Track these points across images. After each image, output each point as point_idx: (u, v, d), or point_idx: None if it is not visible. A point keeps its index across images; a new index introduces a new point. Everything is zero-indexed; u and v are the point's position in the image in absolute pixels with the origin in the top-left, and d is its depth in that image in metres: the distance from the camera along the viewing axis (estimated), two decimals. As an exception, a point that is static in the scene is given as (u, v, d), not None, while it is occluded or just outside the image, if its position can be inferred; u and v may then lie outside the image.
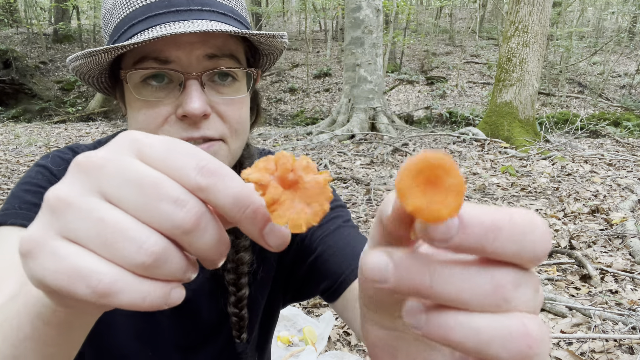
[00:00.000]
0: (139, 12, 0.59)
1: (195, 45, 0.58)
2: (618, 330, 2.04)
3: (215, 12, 0.60)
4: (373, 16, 8.27)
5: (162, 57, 0.57)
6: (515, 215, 0.22)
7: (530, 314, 0.23)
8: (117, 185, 0.26)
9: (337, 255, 0.70)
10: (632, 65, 13.42)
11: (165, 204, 0.25)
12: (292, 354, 1.94)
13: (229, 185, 0.27)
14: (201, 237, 0.27)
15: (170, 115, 0.59)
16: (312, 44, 16.50)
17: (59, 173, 0.68)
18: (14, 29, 16.24)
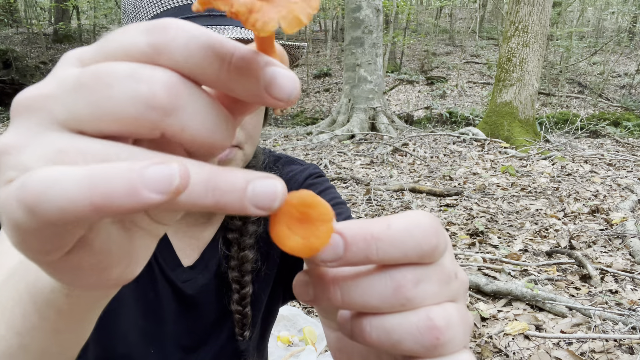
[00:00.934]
0: (170, 13, 0.58)
1: None
2: (618, 330, 2.04)
3: None
4: (373, 16, 8.27)
5: None
6: (394, 222, 0.24)
7: (437, 306, 0.24)
8: (64, 104, 0.20)
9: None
10: (632, 65, 13.42)
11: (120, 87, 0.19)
12: (292, 354, 1.94)
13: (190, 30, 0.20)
14: (192, 114, 0.20)
15: None
16: (312, 44, 16.49)
17: None
18: (14, 29, 16.24)
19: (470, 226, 3.44)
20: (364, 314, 0.25)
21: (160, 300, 0.73)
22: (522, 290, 2.32)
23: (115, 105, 0.19)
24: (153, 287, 0.73)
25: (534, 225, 3.55)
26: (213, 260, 0.76)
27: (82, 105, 0.19)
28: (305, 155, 6.56)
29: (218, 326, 0.78)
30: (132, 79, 0.19)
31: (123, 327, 0.71)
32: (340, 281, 0.25)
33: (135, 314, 0.72)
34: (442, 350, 0.24)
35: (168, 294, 0.74)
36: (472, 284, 2.44)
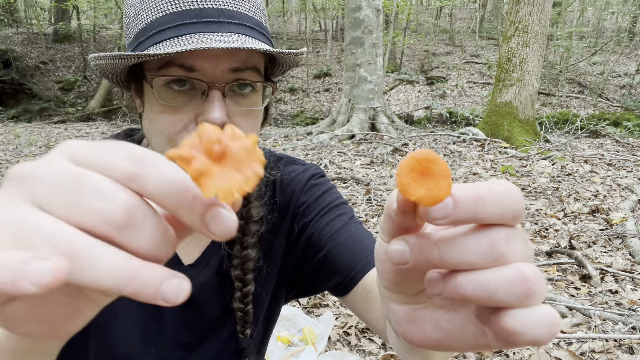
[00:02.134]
0: (169, 18, 0.59)
1: (222, 59, 0.59)
2: (618, 330, 2.04)
3: (243, 25, 0.61)
4: (373, 16, 8.27)
5: (188, 65, 0.59)
6: (493, 185, 0.28)
7: (525, 262, 0.28)
8: (46, 190, 0.24)
9: (347, 252, 0.72)
10: (632, 65, 13.42)
11: (90, 198, 0.24)
12: (292, 354, 1.94)
13: (162, 170, 0.25)
14: (140, 232, 0.25)
15: (190, 122, 0.61)
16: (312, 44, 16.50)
17: None
18: (14, 29, 16.24)
19: (470, 226, 3.44)
20: (458, 272, 0.28)
21: None
22: (522, 290, 2.32)
23: (80, 208, 0.24)
24: None
25: (534, 225, 3.55)
26: (215, 259, 0.76)
27: (56, 199, 0.24)
28: (305, 155, 6.56)
29: (219, 324, 0.78)
30: (103, 197, 0.24)
31: (123, 327, 0.71)
32: (439, 240, 0.28)
33: (134, 313, 0.72)
34: (533, 300, 0.27)
35: None
36: (472, 284, 2.44)
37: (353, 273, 0.71)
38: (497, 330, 0.27)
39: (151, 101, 0.62)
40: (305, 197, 0.79)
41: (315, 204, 0.78)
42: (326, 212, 0.77)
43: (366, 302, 0.70)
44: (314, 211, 0.78)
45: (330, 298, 2.48)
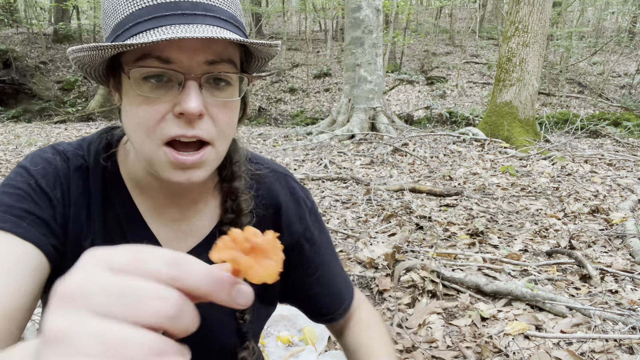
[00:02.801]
0: (145, 11, 0.60)
1: (197, 51, 0.60)
2: (618, 330, 2.04)
3: (217, 17, 0.62)
4: (373, 16, 8.27)
5: (164, 57, 0.60)
6: None
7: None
8: (104, 301, 0.29)
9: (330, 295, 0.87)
10: (632, 65, 13.42)
11: (152, 302, 0.29)
12: (292, 354, 1.94)
13: (197, 270, 0.32)
14: (183, 319, 0.31)
15: (167, 113, 0.62)
16: (312, 44, 16.50)
17: (36, 172, 0.69)
18: (14, 29, 16.25)
19: (470, 226, 3.44)
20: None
21: None
22: (522, 290, 2.32)
23: (143, 311, 0.29)
24: None
25: (534, 225, 3.55)
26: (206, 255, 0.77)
27: (118, 309, 0.29)
28: (305, 155, 6.56)
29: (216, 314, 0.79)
30: (160, 301, 0.29)
31: None
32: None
33: None
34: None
35: None
36: (472, 284, 2.44)
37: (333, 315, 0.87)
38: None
39: (129, 94, 0.63)
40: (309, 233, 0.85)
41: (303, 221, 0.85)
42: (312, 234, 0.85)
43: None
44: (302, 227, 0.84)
45: (330, 298, 2.48)
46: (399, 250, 2.82)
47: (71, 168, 0.72)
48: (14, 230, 0.62)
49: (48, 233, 0.66)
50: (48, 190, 0.69)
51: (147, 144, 0.63)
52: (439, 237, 3.25)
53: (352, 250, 2.94)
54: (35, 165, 0.70)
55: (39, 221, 0.66)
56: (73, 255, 0.70)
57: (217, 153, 0.67)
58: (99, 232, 0.72)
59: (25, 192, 0.67)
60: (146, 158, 0.65)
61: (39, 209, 0.67)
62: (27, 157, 0.72)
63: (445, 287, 2.49)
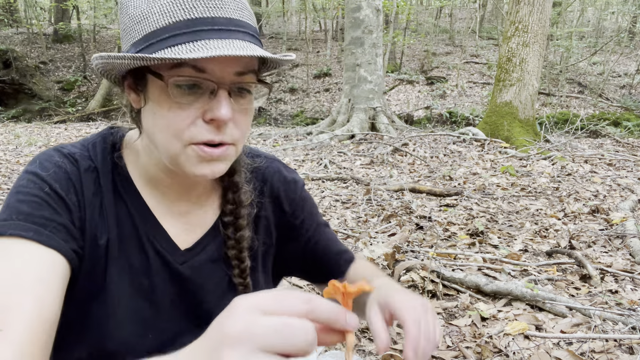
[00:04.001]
0: (182, 24, 0.63)
1: (229, 63, 0.65)
2: (618, 330, 2.04)
3: (246, 33, 0.67)
4: (373, 16, 8.26)
5: (200, 67, 0.64)
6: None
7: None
8: (269, 339, 0.37)
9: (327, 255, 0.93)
10: (632, 65, 13.42)
11: (299, 335, 0.38)
12: (292, 354, 1.94)
13: (324, 307, 0.42)
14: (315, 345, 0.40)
15: (197, 118, 0.66)
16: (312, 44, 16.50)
17: (49, 177, 0.69)
18: (14, 29, 16.24)
19: (470, 226, 3.44)
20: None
21: (155, 284, 0.75)
22: (522, 290, 2.32)
23: (297, 344, 0.38)
24: (148, 273, 0.75)
25: (534, 225, 3.55)
26: (211, 245, 0.81)
27: (278, 342, 0.38)
28: (305, 155, 6.56)
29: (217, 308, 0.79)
30: (304, 331, 0.39)
31: (119, 316, 0.72)
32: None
33: (130, 300, 0.73)
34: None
35: (165, 277, 0.76)
36: (472, 284, 2.44)
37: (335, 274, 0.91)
38: None
39: (159, 97, 0.66)
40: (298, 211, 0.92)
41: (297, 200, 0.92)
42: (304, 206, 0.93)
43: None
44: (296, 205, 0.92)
45: (330, 298, 2.48)
46: (399, 250, 2.82)
47: (81, 170, 0.73)
48: (37, 239, 0.62)
49: (69, 238, 0.67)
50: (63, 194, 0.69)
51: (174, 144, 0.66)
52: (439, 237, 3.25)
53: (352, 250, 2.94)
54: (46, 170, 0.70)
55: (59, 227, 0.66)
56: (90, 256, 0.71)
57: (237, 151, 0.73)
58: (112, 230, 0.74)
59: (41, 199, 0.67)
60: (171, 155, 0.68)
61: (58, 215, 0.67)
62: (35, 162, 0.72)
63: (445, 287, 2.49)
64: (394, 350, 2.00)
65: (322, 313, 0.41)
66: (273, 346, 0.37)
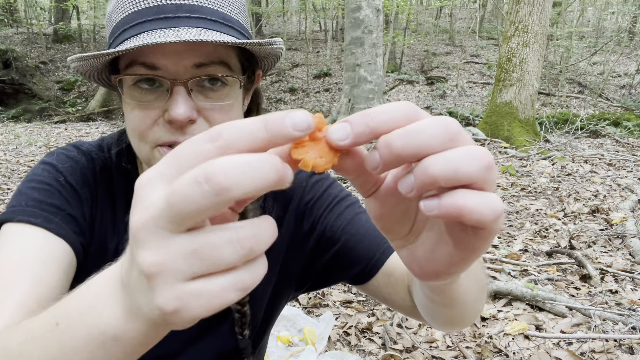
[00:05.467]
0: (129, 18, 0.60)
1: (182, 55, 0.59)
2: (618, 330, 2.04)
3: (204, 18, 0.61)
4: (373, 16, 8.27)
5: (149, 63, 0.59)
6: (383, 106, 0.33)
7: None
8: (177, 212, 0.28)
9: (364, 241, 0.75)
10: (632, 65, 13.42)
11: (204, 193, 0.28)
12: (292, 354, 1.94)
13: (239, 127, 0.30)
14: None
15: (159, 118, 0.61)
16: (312, 44, 16.50)
17: (64, 170, 0.70)
18: (14, 29, 16.24)
19: (470, 226, 3.44)
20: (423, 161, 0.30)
21: None
22: (522, 290, 2.32)
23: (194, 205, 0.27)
24: None
25: (534, 225, 3.55)
26: None
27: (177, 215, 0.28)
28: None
29: (214, 324, 0.78)
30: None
31: None
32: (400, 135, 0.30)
33: None
34: (493, 171, 0.30)
35: None
36: (472, 284, 2.44)
37: (373, 261, 0.74)
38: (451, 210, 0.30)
39: (125, 100, 0.63)
40: (310, 195, 0.80)
41: (322, 199, 0.79)
42: (334, 205, 0.79)
43: (390, 286, 0.73)
44: (322, 207, 0.79)
45: (330, 298, 2.47)
46: (399, 250, 2.82)
47: (97, 169, 0.73)
48: (45, 226, 0.62)
49: (78, 230, 0.66)
50: (77, 187, 0.69)
51: (142, 147, 0.63)
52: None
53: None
54: (63, 162, 0.70)
55: (69, 218, 0.66)
56: (96, 257, 0.70)
57: None
58: (122, 234, 0.72)
59: (54, 188, 0.67)
60: (144, 160, 0.65)
61: (69, 206, 0.67)
62: (52, 155, 0.72)
63: (445, 287, 2.49)
64: (393, 350, 2.00)
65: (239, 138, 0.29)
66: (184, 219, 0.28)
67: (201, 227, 0.29)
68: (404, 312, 0.75)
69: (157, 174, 0.30)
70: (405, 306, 0.72)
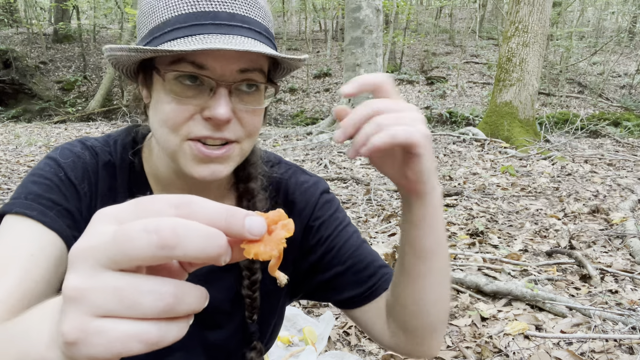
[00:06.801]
0: (183, 17, 0.63)
1: (231, 60, 0.63)
2: (618, 330, 2.04)
3: (252, 30, 0.65)
4: (373, 16, 8.26)
5: (199, 63, 0.62)
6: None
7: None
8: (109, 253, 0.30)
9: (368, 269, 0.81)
10: (632, 65, 13.42)
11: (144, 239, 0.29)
12: (292, 354, 1.94)
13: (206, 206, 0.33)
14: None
15: (196, 114, 0.64)
16: (312, 44, 16.50)
17: (66, 165, 0.71)
18: (14, 29, 16.24)
19: (470, 226, 3.44)
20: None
21: None
22: (522, 290, 2.32)
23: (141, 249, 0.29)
24: None
25: (534, 225, 3.55)
26: None
27: (117, 253, 0.29)
28: (305, 155, 6.56)
29: (224, 314, 0.80)
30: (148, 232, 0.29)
31: None
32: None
33: None
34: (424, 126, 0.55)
35: None
36: (472, 284, 2.44)
37: (373, 288, 0.80)
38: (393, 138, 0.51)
39: (159, 92, 0.65)
40: (320, 212, 0.84)
41: (330, 220, 0.83)
42: (342, 229, 0.83)
43: (375, 316, 0.80)
44: (330, 228, 0.83)
45: (330, 298, 2.47)
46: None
47: (100, 164, 0.74)
48: (40, 219, 0.64)
49: (72, 225, 0.68)
50: (76, 183, 0.70)
51: (171, 138, 0.65)
52: (439, 237, 3.24)
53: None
54: (65, 158, 0.72)
55: (65, 212, 0.67)
56: None
57: (242, 150, 0.69)
58: None
59: (53, 183, 0.69)
60: (170, 152, 0.67)
61: (66, 201, 0.68)
62: (57, 150, 0.74)
63: (445, 287, 2.49)
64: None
65: (201, 214, 0.31)
66: (115, 258, 0.29)
67: (132, 271, 0.31)
68: (381, 342, 0.81)
69: (116, 211, 0.32)
70: (383, 336, 0.79)
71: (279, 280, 0.44)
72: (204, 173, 0.65)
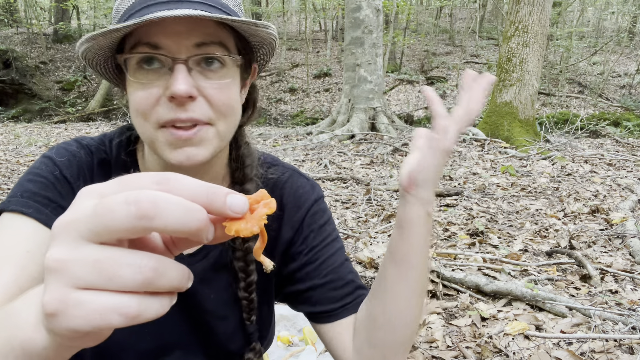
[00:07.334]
0: (137, 3, 0.65)
1: (184, 35, 0.62)
2: (618, 330, 2.04)
3: (204, 3, 0.65)
4: (373, 16, 8.26)
5: (152, 42, 0.62)
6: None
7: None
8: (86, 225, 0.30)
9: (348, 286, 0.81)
10: (632, 65, 13.42)
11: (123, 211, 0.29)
12: (292, 354, 1.94)
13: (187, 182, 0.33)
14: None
15: (161, 97, 0.64)
16: (312, 44, 16.49)
17: (61, 163, 0.72)
18: (14, 29, 16.24)
19: (470, 226, 3.44)
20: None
21: None
22: (522, 290, 2.32)
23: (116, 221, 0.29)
24: None
25: (534, 225, 3.55)
26: (214, 251, 0.79)
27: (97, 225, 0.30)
28: (305, 155, 6.55)
29: (221, 315, 0.80)
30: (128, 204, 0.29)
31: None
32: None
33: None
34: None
35: None
36: (472, 284, 2.44)
37: (349, 305, 0.80)
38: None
39: (129, 85, 0.66)
40: (311, 220, 0.83)
41: (320, 231, 0.83)
42: (329, 243, 0.83)
43: (345, 333, 0.79)
44: (318, 238, 0.82)
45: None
46: (399, 250, 2.82)
47: (95, 162, 0.75)
48: (35, 216, 0.65)
49: None
50: (72, 180, 0.71)
51: (146, 127, 0.65)
52: (439, 237, 3.25)
53: (352, 250, 2.94)
54: (61, 156, 0.73)
55: (60, 210, 0.68)
56: None
57: (218, 133, 0.67)
58: None
59: (49, 181, 0.69)
60: (149, 143, 0.67)
61: (62, 198, 0.69)
62: (53, 149, 0.75)
63: (445, 287, 2.49)
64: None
65: (182, 189, 0.31)
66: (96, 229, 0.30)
67: (114, 245, 0.31)
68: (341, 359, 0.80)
69: (100, 188, 0.33)
70: (345, 352, 0.78)
71: (265, 266, 0.43)
72: (180, 157, 0.64)
